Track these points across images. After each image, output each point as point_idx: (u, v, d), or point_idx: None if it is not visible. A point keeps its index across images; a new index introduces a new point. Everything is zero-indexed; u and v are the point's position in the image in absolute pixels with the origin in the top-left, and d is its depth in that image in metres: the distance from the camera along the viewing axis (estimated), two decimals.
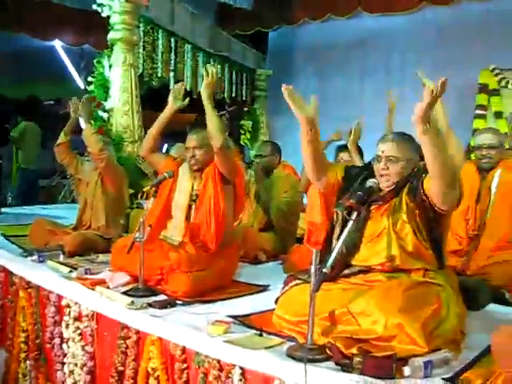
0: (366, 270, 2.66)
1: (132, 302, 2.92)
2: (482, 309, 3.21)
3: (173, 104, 3.71)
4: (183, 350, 2.57)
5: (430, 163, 2.42)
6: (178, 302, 3.06)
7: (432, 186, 2.50)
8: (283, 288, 2.74)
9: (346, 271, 2.69)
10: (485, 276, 3.48)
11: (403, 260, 2.58)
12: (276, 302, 2.74)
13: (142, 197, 5.62)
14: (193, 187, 3.62)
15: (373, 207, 2.70)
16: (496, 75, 6.63)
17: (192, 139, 3.60)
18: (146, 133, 4.04)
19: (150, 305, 2.95)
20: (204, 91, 3.40)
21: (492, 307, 3.26)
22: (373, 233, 2.65)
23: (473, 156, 4.04)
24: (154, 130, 3.78)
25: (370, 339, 2.28)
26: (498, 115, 6.67)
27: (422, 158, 2.53)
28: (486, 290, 3.34)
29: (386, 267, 2.60)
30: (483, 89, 6.81)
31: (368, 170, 2.81)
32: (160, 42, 7.03)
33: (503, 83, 6.66)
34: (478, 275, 3.50)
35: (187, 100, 3.81)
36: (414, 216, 2.60)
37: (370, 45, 8.00)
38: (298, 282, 2.68)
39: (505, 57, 6.67)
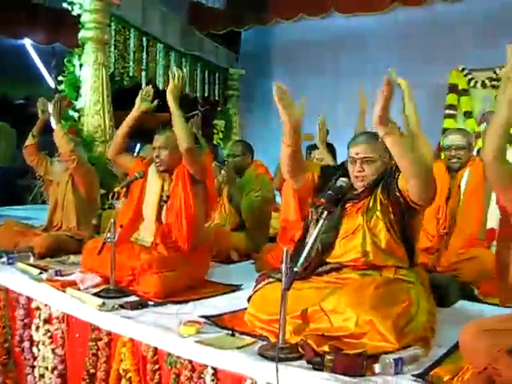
0: (339, 268, 2.69)
1: (103, 304, 2.90)
2: (452, 305, 3.25)
3: (140, 105, 3.69)
4: (155, 350, 2.56)
5: (399, 163, 2.45)
6: (149, 302, 3.04)
7: (409, 184, 2.53)
8: (255, 286, 2.75)
9: (319, 269, 2.71)
10: (455, 273, 3.53)
11: (376, 256, 2.61)
12: (249, 300, 2.74)
13: (113, 197, 5.57)
14: (163, 188, 3.60)
15: (348, 205, 2.73)
16: (465, 75, 6.74)
17: (157, 139, 3.58)
18: None
19: (121, 306, 2.92)
20: (169, 94, 3.38)
21: (461, 303, 3.31)
22: (348, 230, 2.68)
23: (443, 155, 4.10)
24: (122, 131, 3.76)
25: (341, 336, 2.31)
26: (468, 115, 6.78)
27: (391, 156, 2.55)
28: (455, 287, 3.39)
29: (360, 263, 2.64)
30: (453, 89, 6.92)
31: (343, 170, 2.84)
32: (131, 41, 6.99)
33: (472, 83, 6.76)
34: (448, 272, 3.55)
35: (155, 102, 3.79)
36: (387, 213, 2.64)
37: (343, 45, 8.05)
38: (270, 280, 2.69)
39: (474, 57, 6.77)
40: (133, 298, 3.11)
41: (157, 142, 3.58)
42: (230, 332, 2.55)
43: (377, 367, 2.13)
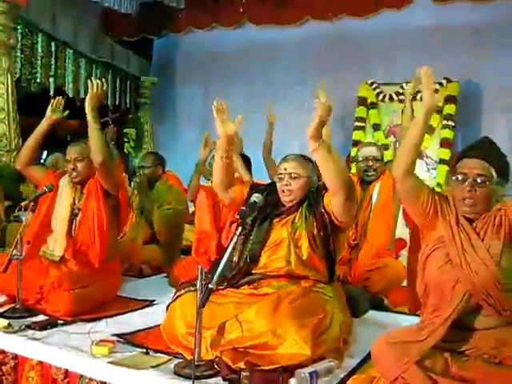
0: (260, 278, 2.74)
1: (9, 325, 2.77)
2: (363, 315, 3.37)
3: (51, 116, 3.56)
4: (66, 373, 2.48)
5: (326, 177, 2.59)
6: (59, 321, 2.93)
7: (332, 200, 2.66)
8: (175, 293, 2.74)
9: (239, 281, 2.76)
10: (365, 283, 3.67)
11: (298, 266, 2.72)
12: (167, 308, 2.72)
13: (20, 210, 5.33)
14: (74, 201, 3.50)
15: (276, 220, 2.84)
16: (374, 89, 6.98)
17: (72, 151, 3.49)
18: (23, 141, 3.84)
19: (28, 326, 2.80)
20: (88, 104, 3.31)
21: (371, 313, 3.41)
22: (274, 242, 2.78)
23: (353, 167, 4.24)
24: (31, 142, 3.61)
25: (258, 348, 2.34)
26: (376, 127, 7.02)
27: (319, 178, 2.75)
28: (365, 297, 3.51)
29: (282, 272, 2.72)
30: (362, 102, 7.13)
31: (271, 187, 2.94)
32: (39, 45, 6.73)
33: (381, 97, 7.01)
34: (358, 283, 3.68)
35: (66, 112, 3.68)
36: (311, 228, 2.76)
37: (255, 56, 8.13)
38: (186, 289, 2.69)
39: (382, 72, 7.06)
40: (41, 318, 2.99)
41: (72, 153, 3.48)
42: (145, 350, 2.52)
43: (292, 382, 2.17)
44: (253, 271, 2.77)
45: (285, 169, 2.81)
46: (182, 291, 2.70)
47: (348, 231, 3.95)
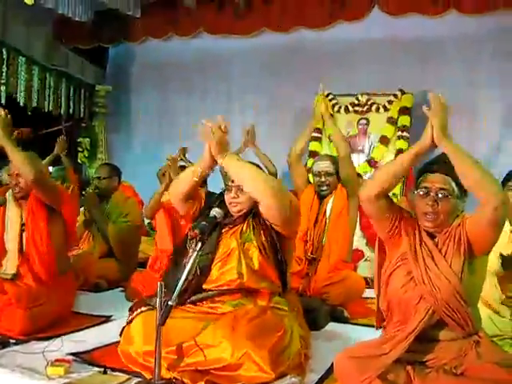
0: (214, 296, 2.70)
1: None
2: (323, 328, 3.38)
3: None
4: None
5: (243, 184, 2.67)
6: (11, 341, 2.84)
7: (261, 209, 2.68)
8: (129, 316, 2.67)
9: (194, 297, 2.71)
10: (324, 296, 3.68)
11: (250, 278, 2.68)
12: (121, 333, 2.65)
13: None
14: (21, 216, 3.39)
15: (224, 230, 2.80)
16: (330, 100, 7.04)
17: (14, 166, 3.36)
18: None
19: None
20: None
21: (332, 326, 3.44)
22: (223, 253, 2.73)
23: (311, 179, 4.23)
24: None
25: (217, 369, 2.32)
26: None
27: None
28: (325, 310, 3.54)
29: (235, 285, 2.68)
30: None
31: (222, 198, 2.89)
32: None
33: (336, 108, 7.06)
34: (317, 296, 3.69)
35: (15, 133, 3.56)
36: (259, 237, 2.74)
37: (211, 66, 8.11)
38: (143, 309, 2.63)
39: (338, 83, 7.12)
40: None
41: (14, 168, 3.36)
42: (102, 369, 2.46)
43: None
44: (205, 286, 2.72)
45: (232, 181, 2.78)
46: (139, 310, 2.63)
47: (304, 241, 3.96)
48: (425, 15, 6.48)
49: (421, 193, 2.22)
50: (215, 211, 2.70)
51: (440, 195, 2.18)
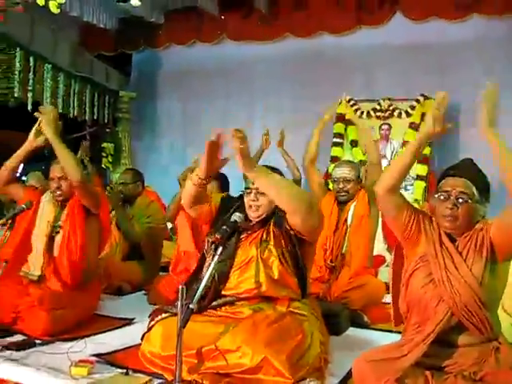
0: (233, 301, 2.71)
1: None
2: (343, 333, 3.38)
3: (34, 139, 3.43)
4: None
5: (276, 202, 2.63)
6: (37, 341, 2.89)
7: (289, 219, 2.64)
8: (150, 322, 2.71)
9: (214, 303, 2.72)
10: (344, 301, 3.67)
11: (269, 287, 2.67)
12: (142, 338, 2.69)
13: None
14: (56, 218, 3.45)
15: (243, 236, 2.78)
16: (352, 106, 7.01)
17: (56, 169, 3.44)
18: (1, 154, 3.77)
19: (5, 347, 2.75)
20: (46, 130, 3.30)
21: (352, 331, 3.45)
22: (242, 261, 2.72)
23: (331, 184, 4.23)
24: (12, 163, 3.50)
25: (237, 373, 2.34)
26: (355, 144, 7.04)
27: None
28: (346, 315, 3.53)
29: (253, 294, 2.68)
30: (340, 118, 7.14)
31: (240, 201, 2.88)
32: (17, 60, 6.67)
33: (358, 114, 7.06)
34: (338, 301, 3.69)
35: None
36: (280, 245, 2.71)
37: (233, 72, 8.17)
38: (163, 316, 2.67)
39: (359, 88, 7.12)
40: (18, 338, 2.94)
41: (56, 171, 3.43)
42: (124, 370, 2.50)
43: None
44: (224, 292, 2.72)
45: (252, 183, 2.76)
46: (159, 317, 2.66)
47: (324, 249, 3.96)
48: (446, 20, 6.47)
49: (441, 197, 2.23)
50: (236, 216, 2.69)
51: (460, 200, 2.18)
